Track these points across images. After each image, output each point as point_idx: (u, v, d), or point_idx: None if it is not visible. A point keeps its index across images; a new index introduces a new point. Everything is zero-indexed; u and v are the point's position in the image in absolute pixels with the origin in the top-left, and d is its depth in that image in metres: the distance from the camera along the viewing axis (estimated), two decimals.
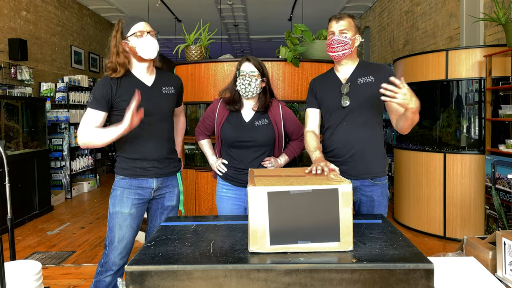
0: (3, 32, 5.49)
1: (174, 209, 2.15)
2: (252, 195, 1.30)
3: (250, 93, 2.13)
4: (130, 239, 2.01)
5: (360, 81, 2.00)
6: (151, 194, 2.05)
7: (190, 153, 3.54)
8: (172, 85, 2.10)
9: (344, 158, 2.01)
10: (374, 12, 8.12)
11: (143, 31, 1.93)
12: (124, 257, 2.02)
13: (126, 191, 1.99)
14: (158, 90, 2.03)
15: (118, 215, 1.98)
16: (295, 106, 3.31)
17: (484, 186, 3.71)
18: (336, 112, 2.02)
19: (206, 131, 2.35)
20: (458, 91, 3.94)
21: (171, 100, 2.08)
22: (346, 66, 2.05)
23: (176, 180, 2.16)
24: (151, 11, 8.29)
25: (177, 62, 3.52)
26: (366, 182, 2.00)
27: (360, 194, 2.02)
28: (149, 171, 2.00)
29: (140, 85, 1.97)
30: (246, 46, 12.65)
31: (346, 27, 1.97)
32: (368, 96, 1.97)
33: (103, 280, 2.00)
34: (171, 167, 2.10)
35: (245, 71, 2.13)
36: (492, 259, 1.64)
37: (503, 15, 3.47)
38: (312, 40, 3.32)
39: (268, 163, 2.18)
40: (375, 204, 2.02)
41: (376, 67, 2.05)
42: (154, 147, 2.00)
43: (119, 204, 1.98)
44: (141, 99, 1.84)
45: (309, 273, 1.21)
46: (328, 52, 2.02)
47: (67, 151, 6.12)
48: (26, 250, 3.79)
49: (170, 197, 2.12)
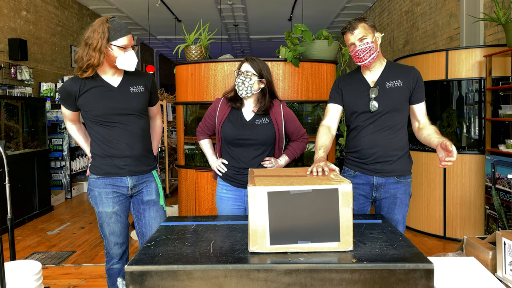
0: (3, 32, 5.49)
1: (156, 204, 2.14)
2: (252, 195, 1.30)
3: (244, 92, 2.13)
4: (121, 230, 2.10)
5: (388, 85, 1.99)
6: (128, 191, 2.08)
7: (190, 153, 3.54)
8: (141, 83, 2.07)
9: (370, 159, 2.02)
10: (374, 12, 8.12)
11: (128, 45, 1.94)
12: (122, 246, 2.12)
13: (103, 191, 2.02)
14: (126, 90, 2.02)
15: (103, 214, 2.05)
16: (295, 106, 3.31)
17: (484, 186, 3.71)
18: (363, 115, 2.02)
19: (207, 130, 2.34)
20: (458, 91, 3.94)
21: (142, 98, 2.06)
22: (374, 68, 2.03)
23: (153, 176, 2.15)
24: (151, 11, 8.29)
25: (177, 62, 3.52)
26: (391, 179, 2.02)
27: (384, 191, 2.04)
28: (122, 169, 2.02)
29: (106, 87, 1.99)
30: (246, 46, 12.66)
31: (363, 33, 1.93)
32: (396, 101, 1.98)
33: (112, 268, 2.14)
34: (146, 165, 2.10)
35: (242, 70, 2.15)
36: (492, 259, 1.64)
37: (503, 15, 3.47)
38: (312, 40, 3.32)
39: (268, 163, 2.18)
40: (397, 202, 2.03)
41: (404, 70, 2.03)
42: (126, 146, 2.02)
43: (100, 204, 2.03)
44: (108, 101, 1.96)
45: (309, 273, 1.21)
46: (356, 62, 1.98)
47: (67, 151, 6.12)
48: (26, 250, 3.79)
49: (149, 191, 2.12)
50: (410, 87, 1.99)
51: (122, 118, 2.00)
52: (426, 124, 2.00)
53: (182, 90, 3.43)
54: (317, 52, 3.34)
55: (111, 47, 1.90)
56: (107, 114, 1.97)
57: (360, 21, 1.95)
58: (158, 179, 2.17)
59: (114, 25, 1.90)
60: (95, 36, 1.87)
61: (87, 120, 2.02)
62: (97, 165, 2.04)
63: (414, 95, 2.00)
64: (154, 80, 2.18)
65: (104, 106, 1.96)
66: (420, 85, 2.01)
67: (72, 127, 2.14)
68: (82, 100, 1.97)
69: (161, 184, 2.21)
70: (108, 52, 1.91)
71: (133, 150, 2.03)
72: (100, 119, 1.98)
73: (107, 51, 1.90)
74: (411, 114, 2.06)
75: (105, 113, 1.97)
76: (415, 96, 2.00)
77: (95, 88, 1.98)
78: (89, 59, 1.88)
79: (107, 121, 1.98)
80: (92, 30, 1.90)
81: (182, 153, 3.52)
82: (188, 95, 3.37)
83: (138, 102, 2.04)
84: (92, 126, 2.02)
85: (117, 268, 2.15)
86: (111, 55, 1.91)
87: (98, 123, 2.00)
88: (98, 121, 1.99)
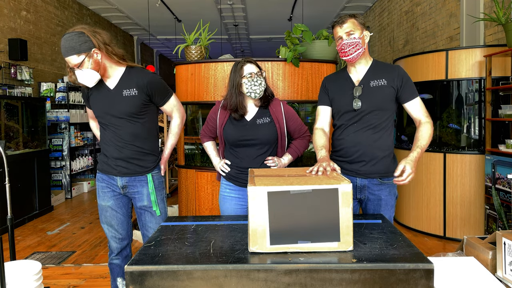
0: (3, 32, 5.49)
1: (149, 209, 2.14)
2: (252, 195, 1.30)
3: (258, 92, 2.13)
4: (118, 224, 2.15)
5: (372, 84, 1.99)
6: (120, 190, 2.13)
7: (190, 153, 3.54)
8: (134, 86, 2.02)
9: (352, 158, 2.01)
10: (374, 12, 8.12)
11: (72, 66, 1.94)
12: (121, 241, 2.17)
13: (100, 185, 2.15)
14: (119, 93, 2.03)
15: (101, 207, 2.16)
16: (295, 106, 3.31)
17: (484, 186, 3.71)
18: (347, 114, 2.02)
19: (210, 133, 2.35)
20: (458, 91, 3.94)
21: (132, 102, 2.02)
22: (359, 67, 2.03)
23: (146, 180, 2.12)
24: (151, 11, 8.29)
25: (177, 62, 3.52)
26: (374, 181, 2.01)
27: (368, 193, 2.03)
28: (114, 169, 2.09)
29: (104, 89, 2.06)
30: (246, 46, 12.65)
31: (351, 28, 1.95)
32: (380, 100, 1.97)
33: (112, 263, 2.21)
34: (139, 168, 2.09)
35: (252, 72, 2.13)
36: (492, 259, 1.64)
37: (503, 15, 3.47)
38: (312, 40, 3.32)
39: (271, 162, 2.18)
40: (382, 203, 2.02)
41: (389, 69, 2.02)
42: (114, 148, 2.07)
43: (98, 197, 2.17)
44: (103, 103, 2.04)
45: (309, 273, 1.21)
46: (341, 57, 2.01)
47: (67, 151, 6.12)
48: (26, 250, 3.79)
49: (139, 197, 2.13)
50: (395, 86, 1.97)
51: (113, 120, 2.05)
52: (420, 122, 1.95)
53: (182, 90, 3.43)
54: (317, 52, 3.34)
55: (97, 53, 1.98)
56: (102, 115, 2.06)
57: (351, 17, 1.98)
58: (152, 183, 2.12)
59: None
60: None
61: None
62: (99, 161, 2.17)
63: (402, 94, 1.98)
64: (153, 80, 2.06)
65: (99, 108, 2.06)
66: (407, 83, 1.98)
67: (93, 124, 2.33)
68: (90, 100, 2.12)
69: (161, 187, 2.20)
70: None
71: (121, 153, 2.07)
72: (99, 120, 2.10)
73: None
74: (408, 114, 2.04)
75: (99, 115, 2.08)
76: (403, 95, 1.98)
77: (96, 89, 2.07)
78: None
79: (103, 122, 2.09)
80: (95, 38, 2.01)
81: (182, 153, 3.52)
82: (188, 95, 3.37)
83: (128, 105, 2.01)
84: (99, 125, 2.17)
85: (116, 263, 2.20)
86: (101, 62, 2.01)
87: (99, 123, 2.13)
88: (98, 121, 2.12)
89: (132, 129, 2.06)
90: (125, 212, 2.17)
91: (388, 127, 2.02)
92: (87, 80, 1.96)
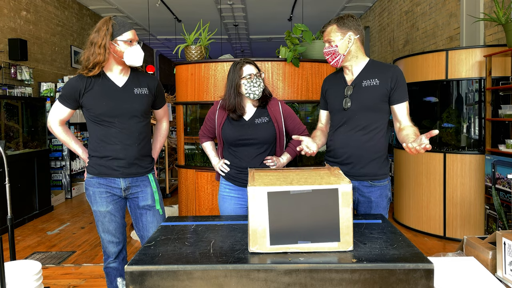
0: (3, 32, 5.49)
1: (152, 208, 2.14)
2: (252, 195, 1.30)
3: (257, 93, 2.14)
4: (116, 229, 2.10)
5: (364, 83, 1.96)
6: (121, 193, 2.08)
7: (190, 153, 3.54)
8: (146, 86, 2.08)
9: (341, 159, 2.01)
10: (374, 12, 8.12)
11: (134, 39, 1.97)
12: (117, 245, 2.13)
13: (97, 190, 2.05)
14: (129, 91, 2.03)
15: (97, 213, 2.08)
16: (295, 106, 3.31)
17: (484, 186, 3.71)
18: (338, 114, 2.02)
19: (209, 133, 2.35)
20: (458, 91, 3.94)
21: (144, 101, 2.06)
22: (351, 67, 2.01)
23: (148, 180, 2.13)
24: (151, 11, 8.29)
25: (177, 62, 3.52)
26: (364, 183, 1.99)
27: (358, 195, 2.02)
28: (116, 170, 2.03)
29: (111, 86, 2.01)
30: (246, 46, 12.65)
31: (329, 36, 1.95)
32: (371, 100, 1.94)
33: (109, 267, 2.16)
34: (141, 168, 2.10)
35: (251, 73, 2.13)
36: (492, 259, 1.64)
37: (503, 15, 3.47)
38: (312, 40, 3.32)
39: (270, 161, 2.18)
40: (373, 205, 2.00)
41: (383, 69, 1.97)
42: (122, 147, 2.02)
43: (95, 203, 2.06)
44: (111, 100, 1.98)
45: (309, 273, 1.21)
46: None
47: (67, 151, 6.11)
48: (26, 250, 3.79)
49: (144, 197, 2.12)
50: (387, 87, 1.92)
51: (122, 118, 2.00)
52: (407, 126, 1.90)
53: (182, 90, 3.43)
54: (317, 52, 3.33)
55: (117, 43, 1.94)
56: (108, 113, 1.99)
57: (331, 23, 1.97)
58: (154, 183, 2.15)
59: (117, 21, 1.95)
60: (100, 34, 1.93)
61: (88, 119, 2.04)
62: (92, 165, 2.06)
63: (393, 95, 1.93)
64: (160, 83, 2.18)
65: (106, 105, 1.98)
66: (400, 85, 1.92)
67: (59, 129, 2.07)
68: (86, 97, 1.99)
69: (158, 186, 2.20)
70: (114, 48, 1.94)
71: (128, 152, 2.03)
72: (100, 118, 2.00)
73: (113, 47, 1.94)
74: (392, 115, 1.99)
75: (106, 112, 1.99)
76: (393, 96, 1.93)
77: (100, 86, 2.00)
78: (95, 57, 1.92)
79: (107, 121, 2.00)
80: (96, 29, 1.96)
81: (182, 153, 3.52)
82: (188, 95, 3.37)
83: (140, 104, 2.05)
84: (91, 126, 2.04)
85: (114, 267, 2.16)
86: (118, 51, 1.95)
87: (98, 122, 2.02)
88: (98, 120, 2.01)
89: (141, 127, 2.07)
90: (122, 216, 2.15)
91: (381, 128, 1.97)
92: (139, 56, 1.97)
